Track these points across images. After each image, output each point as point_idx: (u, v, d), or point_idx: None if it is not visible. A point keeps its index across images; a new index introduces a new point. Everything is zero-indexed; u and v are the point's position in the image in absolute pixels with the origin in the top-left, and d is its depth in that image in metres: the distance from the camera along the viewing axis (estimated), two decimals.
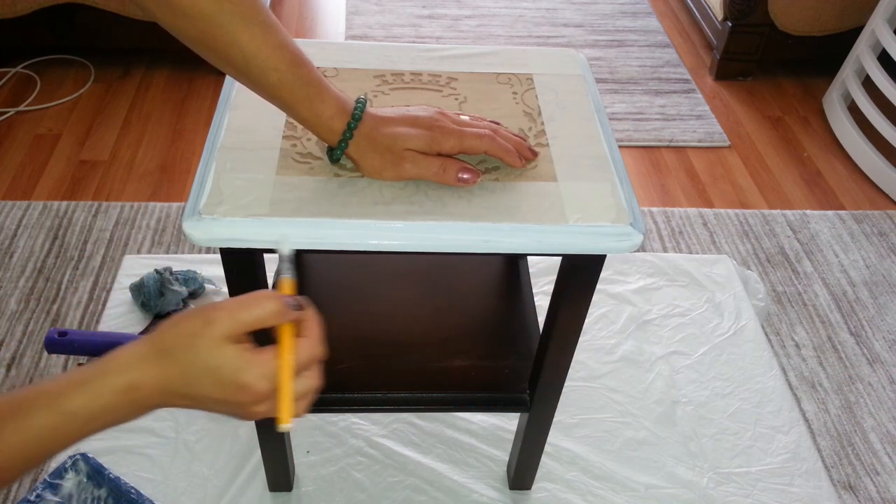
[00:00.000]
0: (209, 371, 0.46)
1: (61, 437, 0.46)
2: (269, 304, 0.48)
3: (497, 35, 2.22)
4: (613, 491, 1.02)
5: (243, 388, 0.46)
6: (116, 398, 0.46)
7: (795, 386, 1.29)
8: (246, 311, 0.47)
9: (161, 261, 1.31)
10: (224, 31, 0.57)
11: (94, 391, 0.46)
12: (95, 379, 0.46)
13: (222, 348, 0.46)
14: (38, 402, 0.45)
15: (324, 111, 0.62)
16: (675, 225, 1.60)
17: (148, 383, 0.47)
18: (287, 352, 0.48)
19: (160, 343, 0.48)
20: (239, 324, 0.47)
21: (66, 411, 0.45)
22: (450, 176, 0.63)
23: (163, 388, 0.47)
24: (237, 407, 0.48)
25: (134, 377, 0.47)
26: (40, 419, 0.45)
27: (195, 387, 0.47)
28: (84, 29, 1.87)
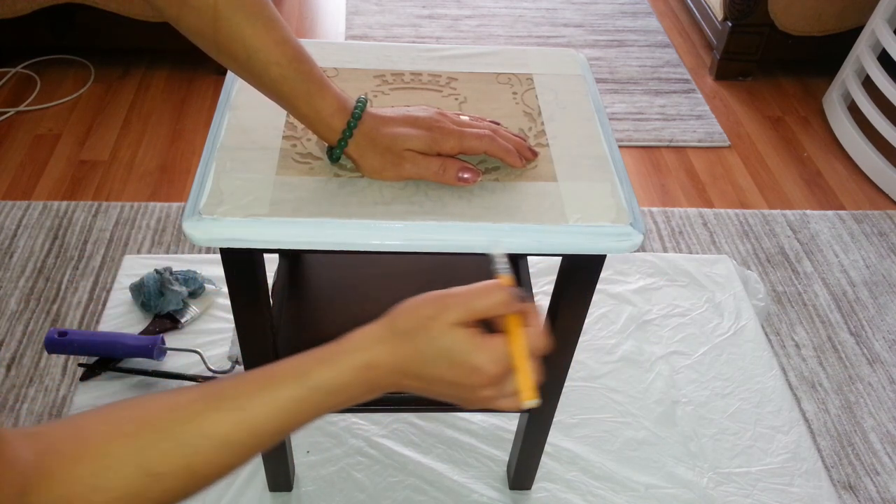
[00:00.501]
0: (443, 353, 0.48)
1: (304, 410, 0.49)
2: (499, 294, 0.50)
3: (497, 35, 2.22)
4: (613, 491, 1.02)
5: (475, 370, 0.48)
6: (355, 375, 0.49)
7: (795, 386, 1.29)
8: (478, 299, 0.49)
9: (161, 261, 1.31)
10: (228, 24, 0.58)
11: (337, 367, 0.49)
12: (337, 356, 0.50)
13: (456, 331, 0.48)
14: (286, 377, 0.49)
15: (324, 108, 0.62)
16: (675, 225, 1.60)
17: (384, 363, 0.49)
18: (519, 336, 0.50)
19: (397, 325, 0.50)
20: (471, 311, 0.49)
21: (312, 385, 0.49)
22: (450, 175, 0.63)
23: (398, 367, 0.50)
24: (465, 390, 0.50)
25: (372, 356, 0.49)
26: (288, 391, 0.48)
27: (428, 367, 0.49)
28: (84, 29, 1.87)
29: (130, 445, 0.45)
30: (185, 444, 0.45)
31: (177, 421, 0.46)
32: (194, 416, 0.46)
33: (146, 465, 0.44)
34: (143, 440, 0.45)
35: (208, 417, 0.47)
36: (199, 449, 0.46)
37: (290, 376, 0.49)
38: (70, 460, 0.43)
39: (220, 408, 0.47)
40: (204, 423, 0.46)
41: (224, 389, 0.48)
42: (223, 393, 0.48)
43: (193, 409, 0.47)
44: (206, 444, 0.46)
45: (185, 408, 0.47)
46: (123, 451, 0.44)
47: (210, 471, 0.47)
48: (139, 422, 0.46)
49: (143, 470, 0.44)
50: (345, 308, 0.89)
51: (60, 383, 1.18)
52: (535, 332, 0.51)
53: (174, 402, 0.47)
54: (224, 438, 0.47)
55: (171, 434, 0.45)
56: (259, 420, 0.47)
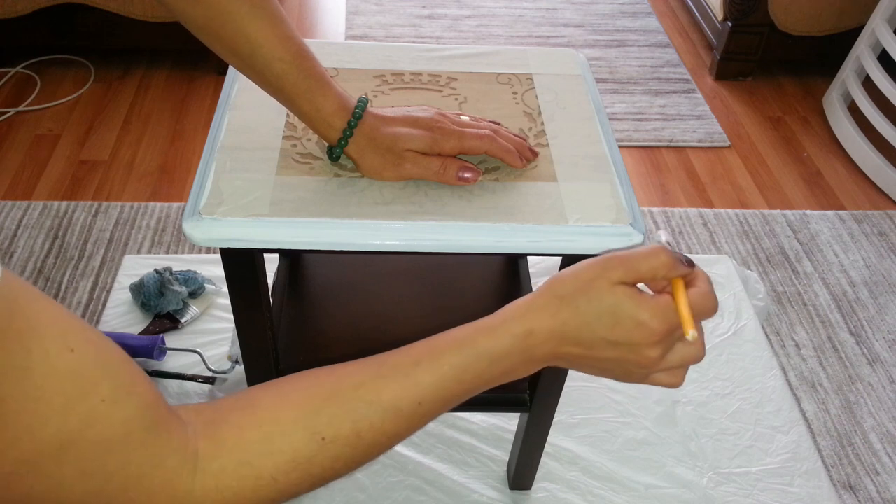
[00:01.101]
0: (607, 310, 0.47)
1: (467, 379, 0.49)
2: (663, 255, 0.48)
3: (497, 35, 2.22)
4: (613, 491, 1.02)
5: (639, 325, 0.47)
6: (515, 342, 0.49)
7: (795, 386, 1.29)
8: (642, 260, 0.48)
9: (161, 261, 1.31)
10: (232, 18, 0.58)
11: (497, 335, 0.49)
12: (498, 324, 0.50)
13: (618, 289, 0.48)
14: (449, 345, 0.50)
15: (325, 106, 0.62)
16: (675, 225, 1.60)
17: (544, 328, 0.49)
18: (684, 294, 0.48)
19: (558, 289, 0.49)
20: (634, 272, 0.48)
21: (474, 353, 0.49)
22: (450, 175, 0.63)
23: (558, 333, 0.49)
24: (629, 349, 0.48)
25: (531, 323, 0.49)
26: (451, 359, 0.49)
27: (591, 328, 0.48)
28: (84, 29, 1.87)
29: (299, 412, 0.46)
30: (352, 409, 0.46)
31: (344, 388, 0.47)
32: (360, 383, 0.48)
33: (315, 429, 0.45)
34: (310, 407, 0.46)
35: (374, 384, 0.48)
36: (366, 414, 0.47)
37: (453, 345, 0.49)
38: (240, 428, 0.44)
39: (385, 375, 0.48)
40: (370, 389, 0.47)
41: (390, 357, 0.49)
42: (388, 361, 0.49)
43: (360, 377, 0.48)
44: (372, 410, 0.47)
45: (352, 376, 0.48)
46: (292, 417, 0.45)
47: (376, 437, 0.47)
48: (307, 390, 0.47)
49: (312, 434, 0.45)
50: (345, 308, 0.89)
51: None
52: (701, 292, 0.49)
53: (340, 371, 0.49)
54: (389, 404, 0.47)
55: (338, 400, 0.47)
56: (423, 387, 0.48)
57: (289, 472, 0.45)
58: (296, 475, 0.45)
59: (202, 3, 0.58)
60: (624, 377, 0.51)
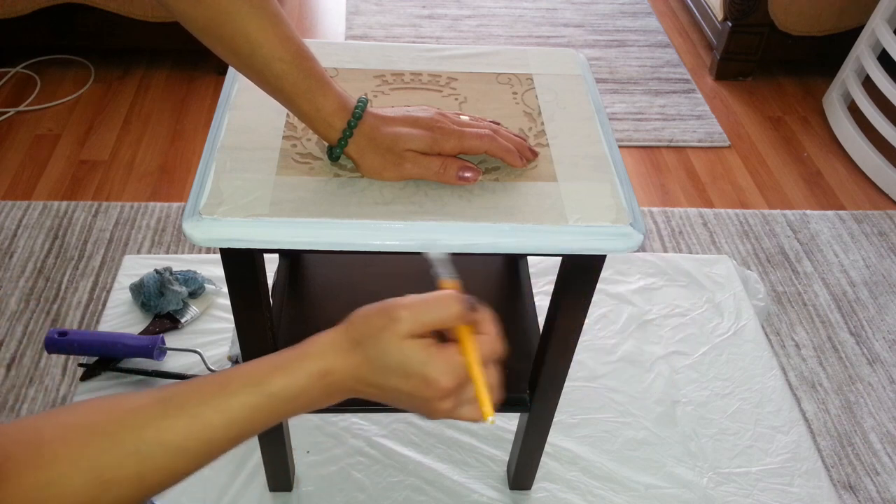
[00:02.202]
0: (396, 365, 0.48)
1: (259, 418, 0.49)
2: (452, 306, 0.49)
3: (497, 35, 2.22)
4: (613, 491, 1.02)
5: (429, 383, 0.48)
6: (312, 381, 0.49)
7: (795, 386, 1.29)
8: (429, 311, 0.49)
9: (161, 261, 1.31)
10: (232, 18, 0.58)
11: (294, 374, 0.49)
12: (294, 362, 0.49)
13: (406, 344, 0.48)
14: (241, 384, 0.48)
15: (325, 106, 0.62)
16: (675, 225, 1.60)
17: (340, 370, 0.49)
18: (473, 350, 0.49)
19: (351, 333, 0.50)
20: (421, 324, 0.49)
21: (268, 392, 0.48)
22: (450, 175, 0.63)
23: (354, 375, 0.49)
24: (422, 402, 0.49)
25: (328, 363, 0.49)
26: (243, 398, 0.48)
27: (383, 377, 0.49)
28: (84, 29, 1.87)
29: (82, 452, 0.44)
30: (137, 451, 0.45)
31: (129, 427, 0.46)
32: (147, 422, 0.46)
33: (97, 472, 0.44)
34: (95, 447, 0.44)
35: (161, 424, 0.46)
36: (151, 456, 0.45)
37: (246, 383, 0.48)
38: (24, 466, 0.43)
39: (172, 415, 0.46)
40: (156, 430, 0.46)
41: (178, 395, 0.48)
42: (177, 399, 0.47)
43: (146, 415, 0.46)
44: (158, 451, 0.46)
45: (135, 414, 0.46)
46: (76, 458, 0.44)
47: (161, 478, 0.46)
48: (92, 428, 0.45)
49: (95, 478, 0.44)
50: (345, 308, 0.88)
51: (60, 383, 1.18)
52: (489, 340, 0.50)
53: (125, 407, 0.47)
54: (177, 446, 0.46)
55: (122, 441, 0.45)
56: (213, 428, 0.47)
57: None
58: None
59: (202, 3, 0.58)
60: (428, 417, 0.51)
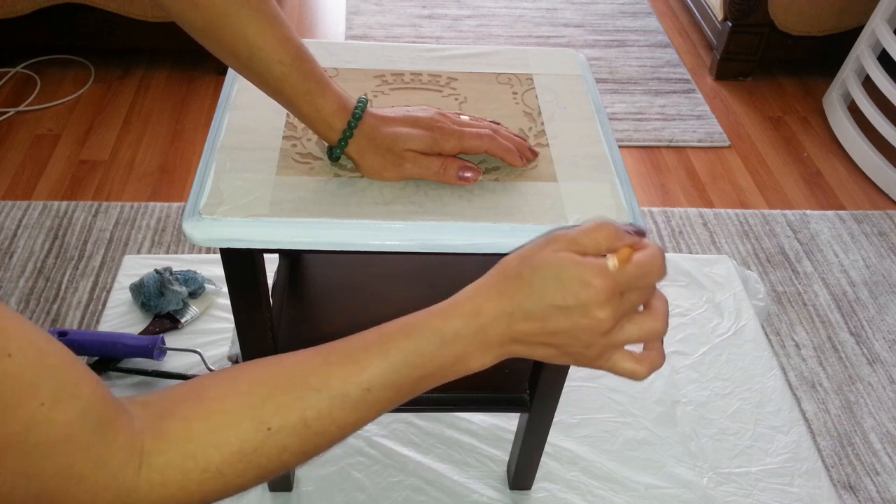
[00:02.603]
0: (551, 275, 0.47)
1: (418, 363, 0.48)
2: (606, 228, 0.48)
3: (497, 35, 2.22)
4: (613, 491, 1.02)
5: (585, 284, 0.46)
6: (464, 322, 0.48)
7: (795, 386, 1.29)
8: (584, 234, 0.48)
9: (161, 261, 1.31)
10: (231, 21, 0.58)
11: (446, 316, 0.49)
12: (447, 307, 0.49)
13: (561, 254, 0.48)
14: (398, 330, 0.49)
15: (325, 107, 0.62)
16: (675, 225, 1.60)
17: (492, 305, 0.48)
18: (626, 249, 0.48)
19: (504, 268, 0.50)
20: (576, 243, 0.48)
21: (422, 334, 0.48)
22: (450, 175, 0.63)
23: (506, 308, 0.48)
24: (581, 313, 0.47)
25: (479, 301, 0.49)
26: (399, 342, 0.48)
27: (538, 296, 0.47)
28: (84, 29, 1.87)
29: (245, 402, 0.45)
30: (299, 397, 0.46)
31: (291, 377, 0.47)
32: (308, 370, 0.47)
33: (261, 419, 0.45)
34: (257, 396, 0.46)
35: (321, 371, 0.47)
36: (313, 402, 0.46)
37: (403, 329, 0.49)
38: (186, 420, 0.44)
39: (333, 362, 0.47)
40: (317, 376, 0.47)
41: (335, 346, 0.49)
42: (337, 348, 0.48)
43: (307, 365, 0.47)
44: (319, 397, 0.46)
45: (300, 364, 0.48)
46: (238, 407, 0.45)
47: (325, 426, 0.47)
48: (254, 380, 0.47)
49: (258, 424, 0.45)
50: (345, 308, 0.89)
51: None
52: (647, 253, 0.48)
53: (288, 360, 0.48)
54: (337, 391, 0.46)
55: (284, 389, 0.46)
56: (372, 372, 0.47)
57: (235, 464, 0.44)
58: (242, 466, 0.45)
59: (200, 6, 0.57)
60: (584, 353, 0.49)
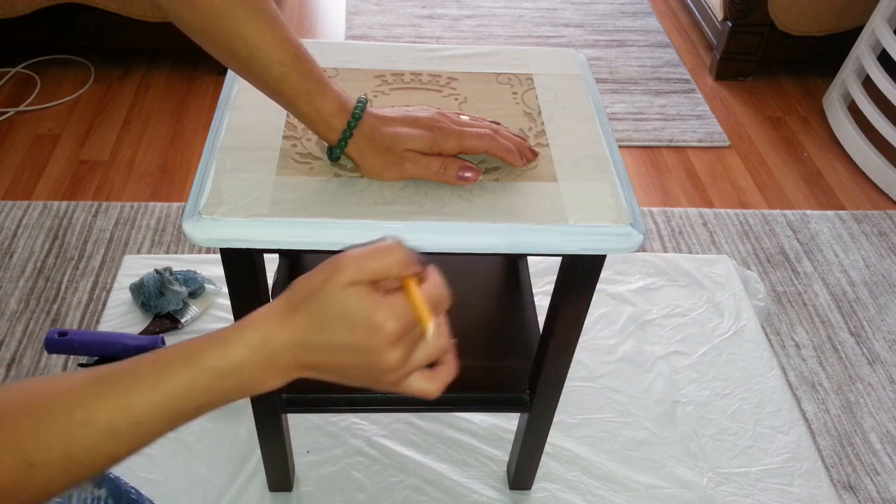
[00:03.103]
0: (339, 315, 0.46)
1: (194, 395, 0.46)
2: (396, 252, 0.47)
3: (497, 35, 2.22)
4: (613, 491, 1.02)
5: (372, 328, 0.46)
6: (248, 353, 0.46)
7: (795, 386, 1.29)
8: (372, 259, 0.47)
9: (161, 261, 1.31)
10: (230, 22, 0.58)
11: (228, 346, 0.46)
12: (231, 334, 0.47)
13: (349, 290, 0.46)
14: (174, 359, 0.46)
15: (324, 107, 0.62)
16: (675, 225, 1.60)
17: (279, 338, 0.47)
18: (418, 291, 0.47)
19: (292, 296, 0.48)
20: (365, 271, 0.46)
21: (201, 365, 0.46)
22: (451, 175, 0.63)
23: (294, 340, 0.47)
24: (369, 354, 0.46)
25: (264, 331, 0.47)
26: (176, 374, 0.46)
27: (325, 334, 0.46)
28: (84, 29, 1.87)
29: (10, 435, 0.43)
30: (64, 432, 0.43)
31: (60, 408, 0.44)
32: (78, 402, 0.44)
33: (25, 455, 0.43)
34: (22, 429, 0.43)
35: (90, 404, 0.44)
36: (79, 436, 0.44)
37: (180, 358, 0.46)
38: None
39: (104, 393, 0.45)
40: (85, 410, 0.44)
41: (111, 374, 0.46)
42: (109, 377, 0.46)
43: (78, 395, 0.45)
44: (86, 432, 0.44)
45: (68, 393, 0.45)
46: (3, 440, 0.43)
47: (92, 459, 0.45)
48: (23, 408, 0.44)
49: (22, 461, 0.43)
50: None
51: None
52: (435, 285, 0.48)
53: (59, 387, 0.45)
54: (106, 425, 0.44)
55: (51, 422, 0.43)
56: (144, 405, 0.45)
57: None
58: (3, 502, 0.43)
59: (199, 7, 0.57)
60: (375, 384, 0.49)
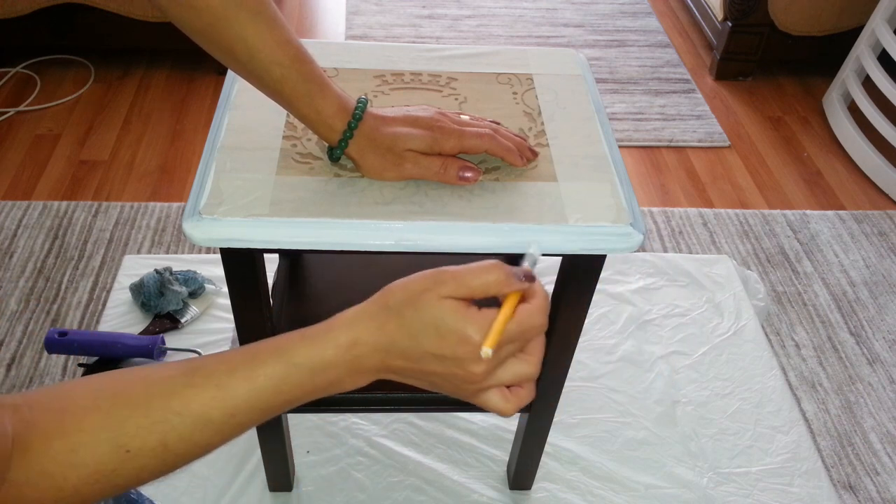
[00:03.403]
0: (432, 324, 0.47)
1: (285, 390, 0.47)
2: (497, 271, 0.48)
3: (497, 35, 2.22)
4: (613, 491, 1.02)
5: (463, 340, 0.46)
6: (339, 353, 0.47)
7: (795, 386, 1.29)
8: (473, 276, 0.47)
9: (161, 261, 1.31)
10: (230, 24, 0.58)
11: (320, 344, 0.47)
12: (322, 333, 0.48)
13: (445, 303, 0.47)
14: (268, 353, 0.47)
15: (325, 108, 0.62)
16: (675, 225, 1.60)
17: (369, 339, 0.48)
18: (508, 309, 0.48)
19: (387, 300, 0.48)
20: (465, 286, 0.47)
21: (293, 362, 0.47)
22: (451, 175, 0.63)
23: (383, 345, 0.48)
24: (455, 364, 0.47)
25: (357, 332, 0.48)
26: (268, 368, 0.47)
27: (416, 340, 0.47)
28: (84, 29, 1.87)
29: (104, 422, 0.44)
30: (160, 420, 0.45)
31: (153, 396, 0.45)
32: (171, 392, 0.46)
33: (120, 441, 0.44)
34: (117, 416, 0.44)
35: (184, 394, 0.45)
36: (174, 426, 0.45)
37: (272, 353, 0.47)
38: (47, 436, 0.43)
39: (197, 384, 0.46)
40: (179, 399, 0.45)
41: (204, 365, 0.47)
42: (202, 369, 0.47)
43: (170, 385, 0.46)
44: (180, 421, 0.45)
45: (163, 383, 0.46)
46: (98, 426, 0.44)
47: (186, 449, 0.46)
48: (116, 396, 0.45)
49: (117, 446, 0.44)
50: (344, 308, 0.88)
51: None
52: (531, 308, 0.48)
53: (153, 377, 0.47)
54: (200, 416, 0.45)
55: (145, 410, 0.45)
56: (237, 397, 0.46)
57: (92, 484, 0.44)
58: (99, 486, 0.44)
59: (199, 9, 0.57)
60: (454, 392, 0.50)
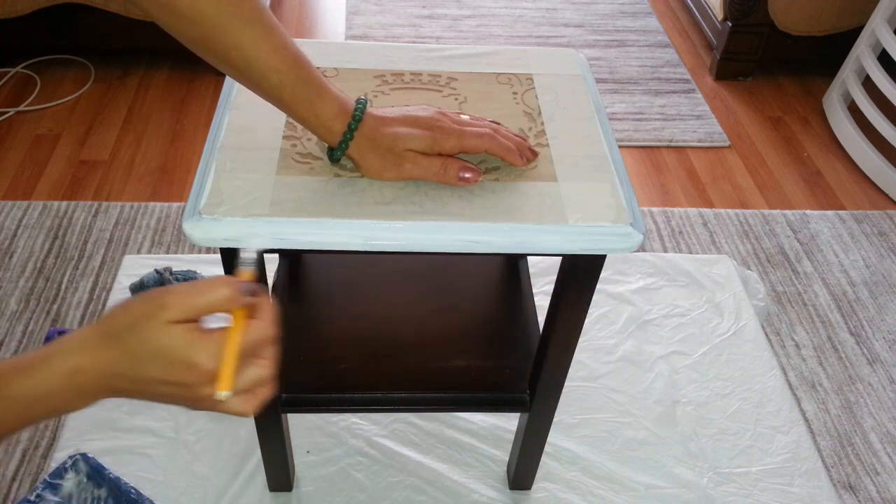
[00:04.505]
0: (157, 352, 0.45)
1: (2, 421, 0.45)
2: (222, 289, 0.47)
3: (497, 35, 2.22)
4: (613, 491, 1.02)
5: (192, 367, 0.45)
6: (59, 382, 0.45)
7: (795, 386, 1.29)
8: (198, 296, 0.46)
9: (161, 261, 1.31)
10: (224, 33, 0.57)
11: (38, 376, 0.45)
12: (40, 363, 0.46)
13: (172, 329, 0.45)
14: None
15: (324, 112, 0.62)
16: (675, 225, 1.60)
17: (91, 367, 0.46)
18: (237, 330, 0.47)
19: (108, 326, 0.47)
20: (191, 308, 0.46)
21: (7, 395, 0.45)
22: (451, 175, 0.63)
23: (107, 371, 0.46)
24: (185, 388, 0.46)
25: (77, 360, 0.46)
26: None
27: (141, 369, 0.46)
28: (84, 29, 1.87)
29: None
30: None
31: None
32: None
33: None
34: None
35: None
36: None
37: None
38: None
39: None
40: None
41: None
42: None
43: None
44: None
45: None
46: None
47: None
48: None
49: None
50: (345, 308, 0.89)
51: None
52: (259, 324, 0.48)
53: None
54: None
55: None
56: None
57: None
58: None
59: (193, 20, 0.57)
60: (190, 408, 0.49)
